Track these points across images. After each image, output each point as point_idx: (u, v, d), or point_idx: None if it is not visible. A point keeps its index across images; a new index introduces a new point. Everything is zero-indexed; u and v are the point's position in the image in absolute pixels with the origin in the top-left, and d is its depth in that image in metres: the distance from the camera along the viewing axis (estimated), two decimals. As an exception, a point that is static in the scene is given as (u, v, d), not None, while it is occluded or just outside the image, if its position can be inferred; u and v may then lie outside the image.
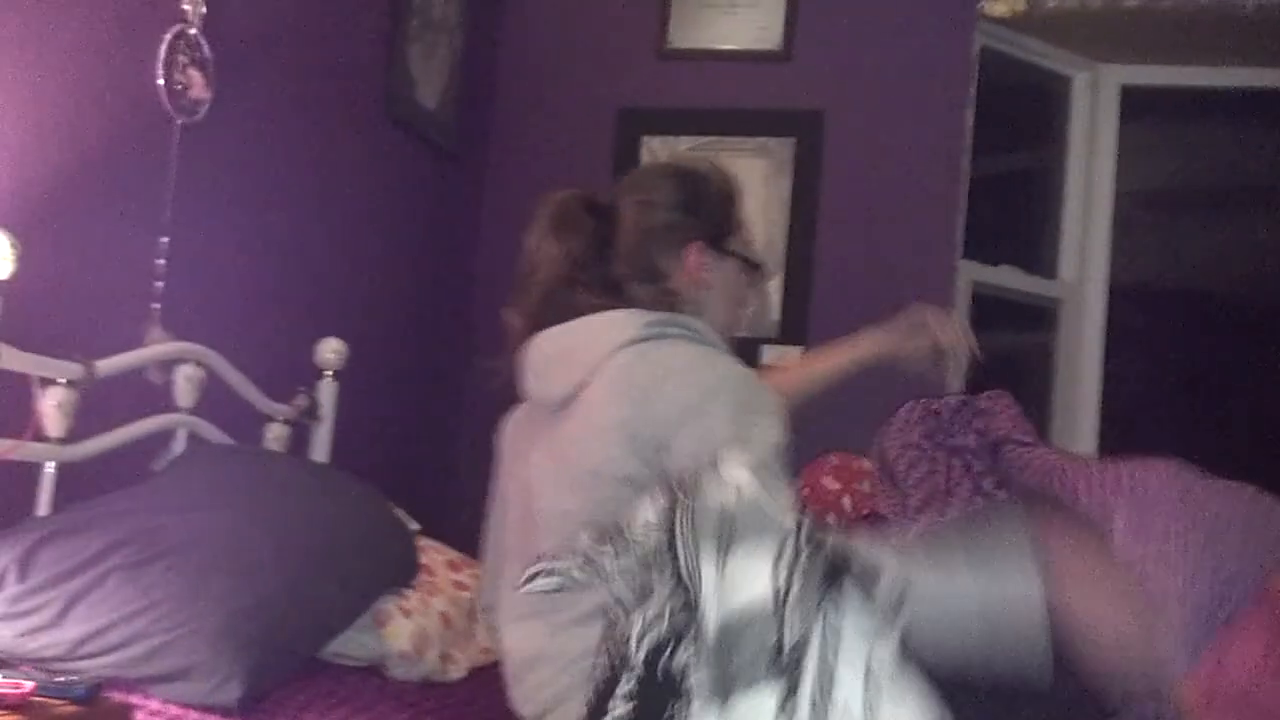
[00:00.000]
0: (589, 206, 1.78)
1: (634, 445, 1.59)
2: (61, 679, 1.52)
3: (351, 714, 1.73)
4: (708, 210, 1.80)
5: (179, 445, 2.31)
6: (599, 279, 1.74)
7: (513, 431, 1.82)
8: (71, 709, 1.50)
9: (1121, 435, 3.70)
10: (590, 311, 1.71)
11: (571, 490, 1.63)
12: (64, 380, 2.00)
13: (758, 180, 3.53)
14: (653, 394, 1.60)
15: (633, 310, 1.70)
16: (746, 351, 3.44)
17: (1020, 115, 3.87)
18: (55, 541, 1.83)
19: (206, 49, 2.35)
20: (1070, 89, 3.76)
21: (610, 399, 1.62)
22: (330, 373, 2.73)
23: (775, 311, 3.48)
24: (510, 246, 2.23)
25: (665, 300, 1.74)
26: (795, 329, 3.46)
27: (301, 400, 2.64)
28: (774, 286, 3.48)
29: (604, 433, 1.62)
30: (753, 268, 1.85)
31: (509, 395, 1.80)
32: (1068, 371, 3.69)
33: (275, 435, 2.58)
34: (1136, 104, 3.76)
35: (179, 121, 2.31)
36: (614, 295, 1.73)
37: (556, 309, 1.73)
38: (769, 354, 3.45)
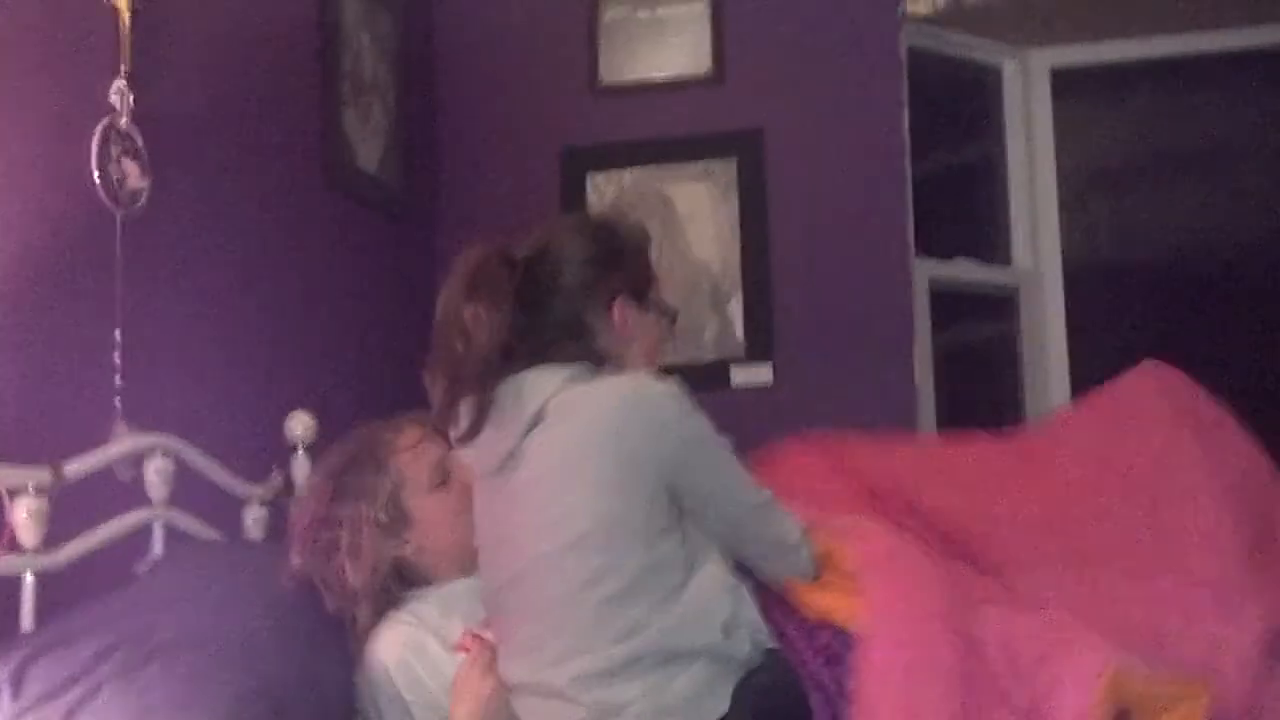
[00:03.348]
0: (508, 263, 1.83)
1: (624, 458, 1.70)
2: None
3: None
4: (628, 263, 1.89)
5: (156, 540, 2.27)
6: (533, 343, 1.80)
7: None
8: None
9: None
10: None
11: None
12: (33, 487, 1.96)
13: (705, 203, 3.54)
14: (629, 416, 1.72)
15: (550, 365, 1.79)
16: (715, 372, 3.46)
17: (957, 109, 3.90)
18: (44, 656, 1.78)
19: (139, 139, 2.32)
20: (1001, 77, 3.79)
21: (577, 429, 1.73)
22: (302, 447, 2.70)
23: (739, 331, 3.48)
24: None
25: (592, 358, 1.82)
26: (761, 346, 3.46)
27: (275, 479, 2.60)
28: (735, 306, 3.49)
29: (586, 453, 1.72)
30: (670, 316, 1.95)
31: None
32: (1034, 358, 3.71)
33: (253, 517, 2.54)
34: (1068, 84, 3.80)
35: (119, 213, 2.28)
36: (544, 359, 1.80)
37: (493, 379, 1.79)
38: (737, 374, 3.45)
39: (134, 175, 2.32)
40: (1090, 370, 3.72)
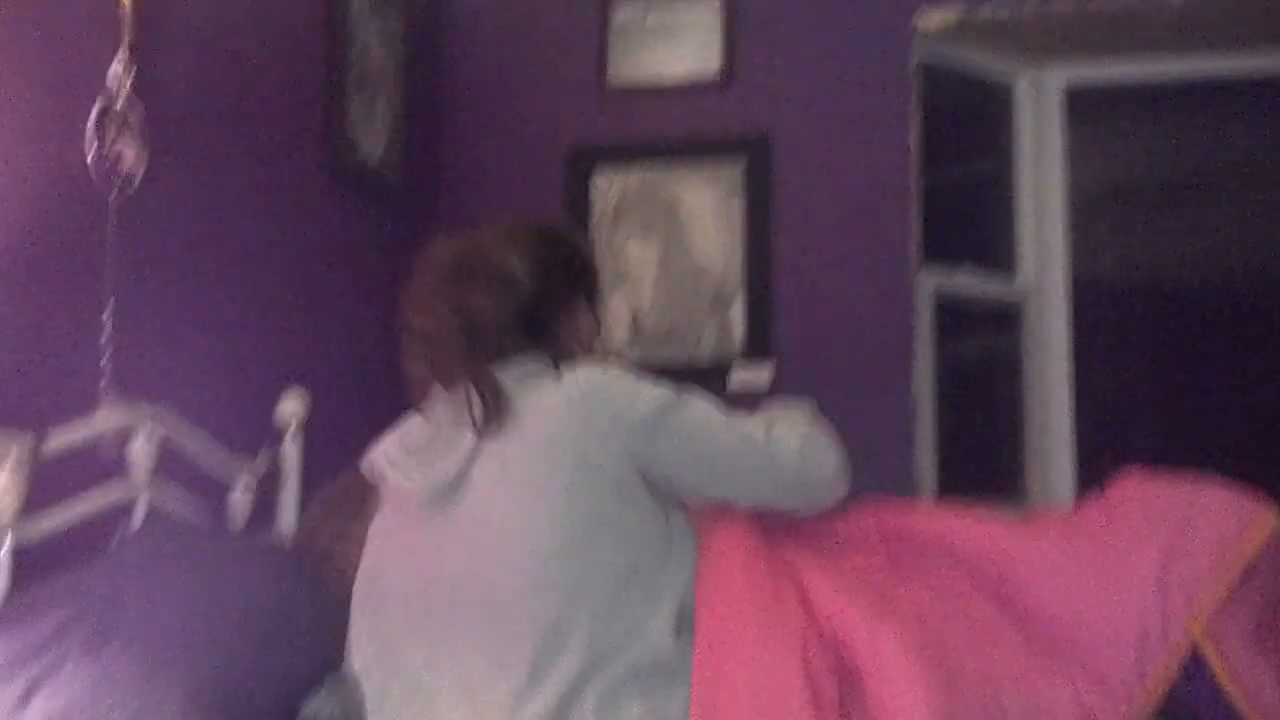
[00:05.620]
0: (482, 262, 1.81)
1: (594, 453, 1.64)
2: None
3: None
4: (587, 268, 1.90)
5: (139, 514, 2.29)
6: (494, 342, 1.76)
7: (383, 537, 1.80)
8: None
9: (1097, 433, 3.69)
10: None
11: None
12: (13, 456, 1.98)
13: (710, 205, 3.54)
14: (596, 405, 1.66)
15: (504, 368, 1.73)
16: (713, 374, 3.45)
17: (969, 123, 3.89)
18: (11, 625, 1.81)
19: (136, 119, 2.34)
20: (1013, 93, 3.78)
21: (528, 443, 1.65)
22: (293, 428, 2.71)
23: (739, 335, 3.48)
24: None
25: (549, 359, 1.78)
26: (760, 350, 3.46)
27: (264, 459, 2.61)
28: (736, 310, 3.49)
29: (541, 468, 1.64)
30: (601, 328, 1.94)
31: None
32: (1036, 372, 3.69)
33: (239, 496, 2.55)
34: (1082, 102, 3.78)
35: (113, 193, 2.30)
36: (504, 359, 1.75)
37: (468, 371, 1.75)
38: (736, 376, 3.45)
39: (130, 156, 2.35)
40: (1091, 386, 3.70)
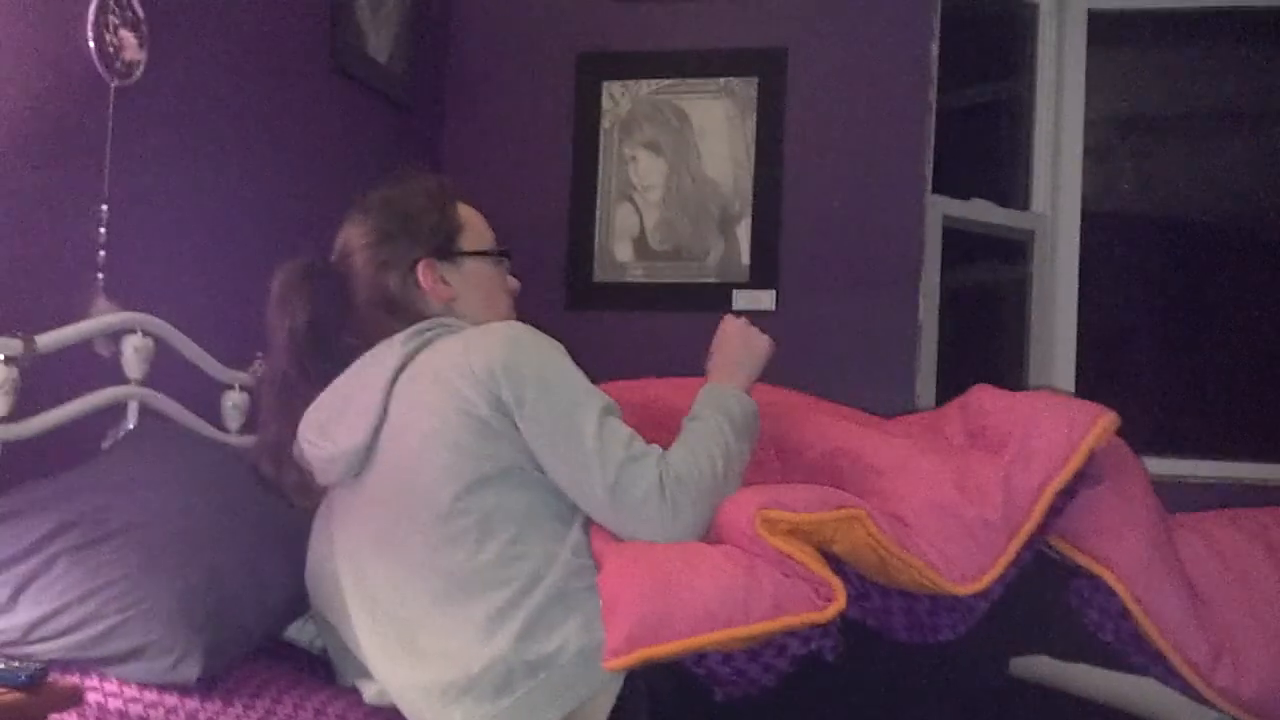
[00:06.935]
0: (315, 271, 1.91)
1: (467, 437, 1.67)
2: (2, 665, 1.47)
3: (305, 695, 1.70)
4: (418, 226, 1.88)
5: (131, 418, 2.25)
6: (355, 334, 1.84)
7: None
8: (16, 695, 1.45)
9: (1100, 367, 3.67)
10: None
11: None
12: (3, 357, 1.94)
13: (721, 121, 3.47)
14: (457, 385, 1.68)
15: (385, 342, 1.79)
16: (718, 297, 3.40)
17: (988, 46, 3.80)
18: (1, 525, 1.78)
19: (138, 8, 2.26)
20: (1037, 16, 3.69)
21: (419, 422, 1.69)
22: (290, 335, 2.65)
23: (745, 255, 3.43)
24: (473, 198, 2.15)
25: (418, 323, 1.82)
26: (766, 272, 3.41)
27: (259, 366, 2.57)
28: (743, 229, 3.43)
29: (438, 427, 1.68)
30: (494, 257, 1.93)
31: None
32: (1043, 304, 3.64)
33: (233, 403, 2.52)
34: (1104, 28, 3.69)
35: (113, 84, 2.23)
36: (369, 343, 1.82)
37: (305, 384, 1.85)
38: (740, 298, 3.40)
39: (131, 46, 2.27)
40: (1098, 321, 3.66)
